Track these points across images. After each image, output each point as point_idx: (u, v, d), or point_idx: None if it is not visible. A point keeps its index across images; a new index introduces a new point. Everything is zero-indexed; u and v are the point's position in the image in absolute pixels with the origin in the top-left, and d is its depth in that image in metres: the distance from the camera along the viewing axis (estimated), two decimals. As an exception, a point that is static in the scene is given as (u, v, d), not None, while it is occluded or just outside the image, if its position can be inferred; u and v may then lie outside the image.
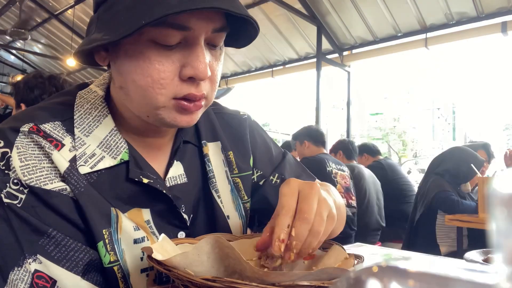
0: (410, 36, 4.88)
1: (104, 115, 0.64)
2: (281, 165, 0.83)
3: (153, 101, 0.57)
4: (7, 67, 10.11)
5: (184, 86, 0.57)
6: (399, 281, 0.14)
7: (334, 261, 0.54)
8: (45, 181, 0.57)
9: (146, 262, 0.62)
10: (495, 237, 0.14)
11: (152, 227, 0.65)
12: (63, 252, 0.56)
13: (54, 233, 0.56)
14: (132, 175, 0.62)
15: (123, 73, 0.57)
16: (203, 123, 0.75)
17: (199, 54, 0.56)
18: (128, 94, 0.59)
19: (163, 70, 0.55)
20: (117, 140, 0.63)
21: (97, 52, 0.60)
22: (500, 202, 0.14)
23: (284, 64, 6.17)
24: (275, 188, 0.78)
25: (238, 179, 0.77)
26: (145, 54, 0.54)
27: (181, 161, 0.71)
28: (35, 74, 1.87)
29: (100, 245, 0.59)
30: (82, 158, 0.60)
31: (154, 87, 0.55)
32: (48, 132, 0.60)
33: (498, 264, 0.14)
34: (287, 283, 0.42)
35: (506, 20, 4.22)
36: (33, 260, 0.54)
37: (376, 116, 17.84)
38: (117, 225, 0.61)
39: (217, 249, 0.48)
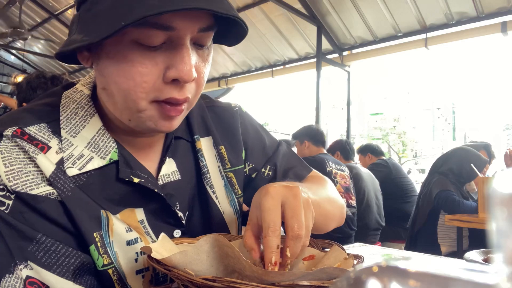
0: (410, 36, 4.87)
1: (91, 114, 0.62)
2: (274, 156, 0.82)
3: (134, 105, 0.55)
4: (7, 67, 10.10)
5: (167, 89, 0.55)
6: (399, 281, 0.14)
7: (334, 261, 0.54)
8: (31, 186, 0.55)
9: (141, 263, 0.61)
10: (495, 237, 0.14)
11: (146, 226, 0.64)
12: (53, 258, 0.55)
13: (44, 239, 0.55)
14: (122, 175, 0.61)
15: (105, 74, 0.56)
16: (195, 117, 0.74)
17: (184, 55, 0.53)
18: (111, 96, 0.57)
19: (146, 73, 0.53)
20: (106, 139, 0.62)
21: (80, 53, 0.58)
22: (500, 202, 0.14)
23: (284, 64, 6.17)
24: (267, 181, 0.78)
25: (231, 174, 0.76)
26: (127, 56, 0.52)
27: (173, 158, 0.69)
28: (38, 75, 1.88)
29: (92, 248, 0.58)
30: (70, 160, 0.59)
31: (136, 91, 0.53)
32: (33, 135, 0.58)
33: (498, 264, 0.14)
34: (286, 283, 0.42)
35: (506, 20, 4.22)
36: (24, 266, 0.53)
37: (376, 116, 17.83)
38: (108, 228, 0.59)
39: (216, 248, 0.48)
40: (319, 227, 0.74)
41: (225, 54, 6.33)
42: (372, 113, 18.03)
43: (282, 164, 0.81)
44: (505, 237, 0.14)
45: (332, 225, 0.77)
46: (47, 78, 1.84)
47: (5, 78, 10.14)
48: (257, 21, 5.43)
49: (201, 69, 0.58)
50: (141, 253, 0.62)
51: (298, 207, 0.51)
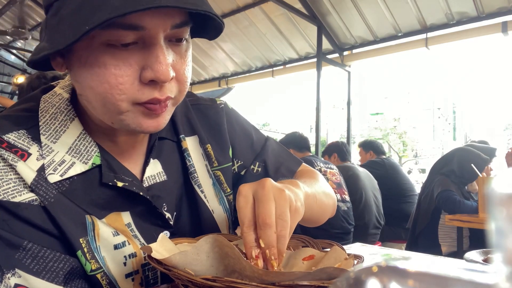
0: (410, 36, 4.87)
1: (70, 118, 0.61)
2: (262, 152, 0.80)
3: (114, 108, 0.53)
4: (7, 67, 10.11)
5: (146, 90, 0.52)
6: (399, 281, 0.14)
7: (334, 261, 0.54)
8: (13, 194, 0.54)
9: (130, 267, 0.61)
10: (495, 237, 0.14)
11: (134, 229, 0.62)
12: (41, 264, 0.54)
13: (30, 245, 0.54)
14: (106, 179, 0.59)
15: (79, 80, 0.54)
16: (179, 117, 0.73)
17: (159, 54, 0.51)
18: (89, 101, 0.55)
19: (121, 74, 0.51)
20: (87, 144, 0.60)
21: (53, 59, 0.56)
22: (500, 202, 0.14)
23: (284, 64, 6.17)
24: (257, 177, 0.76)
25: (219, 172, 0.75)
26: (99, 59, 0.50)
27: (158, 159, 0.68)
28: (39, 75, 1.88)
29: (79, 254, 0.57)
30: (51, 166, 0.57)
31: (113, 93, 0.51)
32: (12, 143, 0.57)
33: (498, 264, 0.14)
34: (286, 283, 0.42)
35: (506, 20, 4.21)
36: (12, 274, 0.52)
37: (377, 116, 17.84)
38: (94, 233, 0.58)
39: (216, 248, 0.48)
40: (318, 218, 0.74)
41: (225, 54, 6.33)
42: (372, 113, 18.03)
43: (272, 160, 0.80)
44: (505, 237, 0.14)
45: (326, 216, 0.77)
46: (48, 78, 1.84)
47: (6, 78, 10.15)
48: (257, 21, 5.43)
49: (179, 66, 0.55)
50: (130, 256, 0.61)
51: (265, 196, 0.49)
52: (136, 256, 0.62)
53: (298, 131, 3.39)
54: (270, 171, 0.78)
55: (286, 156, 0.83)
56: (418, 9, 4.53)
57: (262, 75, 6.48)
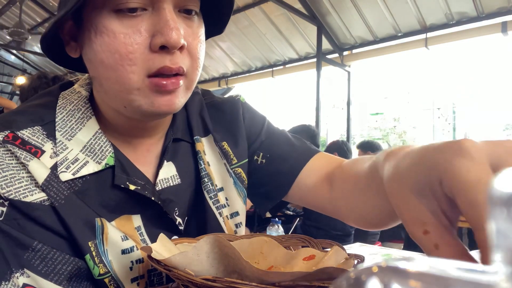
0: (410, 36, 4.88)
1: (87, 117, 0.60)
2: (266, 142, 0.75)
3: (125, 82, 0.51)
4: (7, 67, 10.10)
5: (157, 58, 0.51)
6: (399, 281, 0.14)
7: (334, 261, 0.54)
8: (24, 193, 0.53)
9: (136, 271, 0.61)
10: (495, 237, 0.14)
11: (143, 233, 0.62)
12: (50, 266, 0.53)
13: (40, 246, 0.53)
14: (118, 181, 0.58)
15: (91, 57, 0.53)
16: (194, 117, 0.71)
17: (168, 18, 0.50)
18: (102, 84, 0.54)
19: (130, 43, 0.50)
20: (102, 143, 0.59)
21: (68, 44, 0.56)
22: (500, 202, 0.14)
23: (284, 64, 6.17)
24: (262, 169, 0.73)
25: (240, 169, 0.72)
26: (108, 28, 0.50)
27: (173, 161, 0.66)
28: (40, 75, 1.89)
29: (87, 258, 0.56)
30: (64, 164, 0.56)
31: (123, 64, 0.50)
32: (26, 139, 0.56)
33: (498, 264, 0.14)
34: (287, 283, 0.42)
35: (506, 20, 4.22)
36: (20, 274, 0.51)
37: (376, 116, 17.84)
38: (103, 237, 0.57)
39: (216, 249, 0.48)
40: None
41: (225, 54, 6.34)
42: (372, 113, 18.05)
43: (278, 153, 0.74)
44: (505, 237, 0.14)
45: None
46: (48, 78, 1.85)
47: (5, 78, 10.15)
48: (257, 21, 5.43)
49: (191, 40, 0.54)
50: (136, 261, 0.60)
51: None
52: (143, 262, 0.61)
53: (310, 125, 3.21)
54: (276, 163, 0.73)
55: (296, 147, 0.75)
56: (418, 9, 4.54)
57: (262, 75, 6.48)
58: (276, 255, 0.60)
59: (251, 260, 0.58)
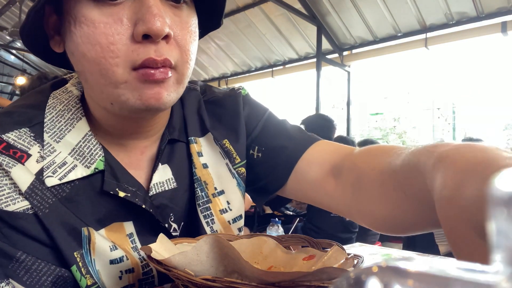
0: (410, 36, 4.88)
1: (78, 117, 0.57)
2: (260, 135, 0.69)
3: (110, 76, 0.47)
4: (7, 67, 10.10)
5: (141, 49, 0.47)
6: (399, 281, 0.14)
7: (334, 261, 0.54)
8: (7, 202, 0.50)
9: (125, 280, 0.59)
10: (495, 237, 0.14)
11: (135, 240, 0.58)
12: (35, 277, 0.51)
13: (24, 257, 0.50)
14: (107, 187, 0.55)
15: (73, 51, 0.49)
16: (190, 114, 0.66)
17: (151, 4, 0.46)
18: (87, 79, 0.51)
19: (111, 33, 0.46)
20: (92, 146, 0.56)
21: (52, 38, 0.53)
22: (500, 202, 0.14)
23: (284, 64, 6.17)
24: (259, 163, 0.68)
25: (243, 169, 0.68)
26: (87, 18, 0.46)
27: (168, 164, 0.62)
28: (40, 76, 1.90)
29: (73, 269, 0.53)
30: (50, 168, 0.53)
31: (106, 57, 0.46)
32: (12, 143, 0.52)
33: (498, 264, 0.14)
34: (286, 283, 0.42)
35: (506, 20, 4.22)
36: (6, 284, 0.49)
37: (376, 116, 17.84)
38: (89, 246, 0.54)
39: (216, 249, 0.48)
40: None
41: (225, 54, 6.34)
42: (372, 113, 18.05)
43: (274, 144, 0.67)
44: (505, 237, 0.14)
45: None
46: (49, 79, 1.86)
47: (5, 78, 10.15)
48: (257, 21, 5.43)
49: (179, 30, 0.50)
50: (126, 271, 0.58)
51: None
52: (133, 272, 0.58)
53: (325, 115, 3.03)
54: (271, 156, 0.67)
55: (292, 138, 0.68)
56: (418, 9, 4.54)
57: (261, 75, 6.48)
58: (276, 255, 0.60)
59: (251, 260, 0.58)
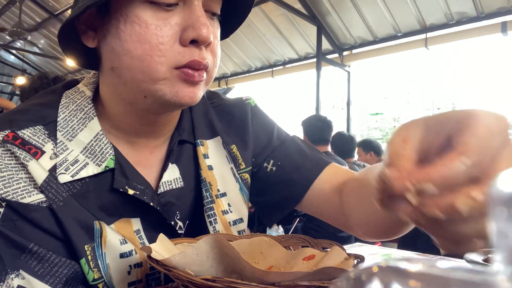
0: (410, 36, 4.88)
1: (90, 117, 0.59)
2: (278, 150, 0.73)
3: (152, 72, 0.51)
4: (7, 67, 10.10)
5: (186, 52, 0.52)
6: (399, 281, 0.14)
7: (334, 261, 0.54)
8: (22, 194, 0.53)
9: (133, 275, 0.60)
10: (495, 237, 0.14)
11: (142, 237, 0.61)
12: (46, 268, 0.53)
13: (36, 248, 0.52)
14: (117, 185, 0.57)
15: (115, 47, 0.52)
16: (198, 117, 0.69)
17: (200, 15, 0.52)
18: (121, 75, 0.53)
19: (161, 35, 0.50)
20: (103, 145, 0.58)
21: (84, 33, 0.55)
22: (500, 202, 0.14)
23: (284, 64, 6.17)
24: (271, 177, 0.72)
25: (246, 175, 0.71)
26: (141, 18, 0.50)
27: (177, 164, 0.65)
28: (40, 76, 1.90)
29: (82, 262, 0.55)
30: (63, 166, 0.55)
31: (152, 55, 0.50)
32: (27, 139, 0.55)
33: (498, 264, 0.14)
34: (287, 283, 0.42)
35: (506, 20, 4.22)
36: (15, 275, 0.51)
37: (376, 116, 17.84)
38: (101, 240, 0.56)
39: (216, 249, 0.48)
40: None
41: (225, 54, 6.33)
42: (372, 113, 18.06)
43: (290, 163, 0.72)
44: (505, 237, 0.14)
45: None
46: (49, 79, 1.86)
47: (5, 78, 10.15)
48: (257, 21, 5.43)
49: (214, 39, 0.55)
50: (135, 265, 0.59)
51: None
52: (141, 266, 0.60)
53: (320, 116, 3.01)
54: (287, 173, 0.71)
55: (308, 157, 0.73)
56: (418, 9, 4.54)
57: (261, 75, 6.48)
58: (276, 255, 0.60)
59: (251, 260, 0.58)
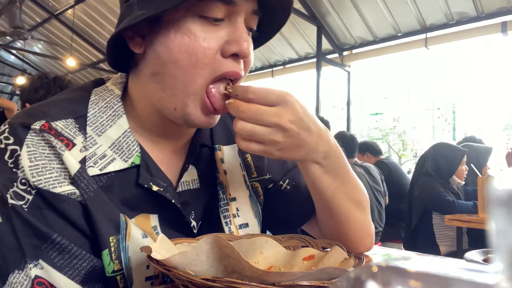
0: (410, 36, 4.88)
1: (119, 115, 0.62)
2: (294, 171, 0.77)
3: (190, 84, 0.56)
4: (7, 67, 10.11)
5: (225, 63, 0.57)
6: (399, 281, 0.14)
7: (334, 261, 0.54)
8: (54, 184, 0.54)
9: (151, 270, 0.60)
10: (495, 237, 0.14)
11: (159, 233, 0.62)
12: (66, 259, 0.53)
13: (59, 239, 0.53)
14: (142, 181, 0.60)
15: (162, 55, 0.56)
16: (218, 126, 0.71)
17: (242, 31, 0.57)
18: (163, 81, 0.58)
19: (208, 47, 0.55)
20: (130, 142, 0.61)
21: (132, 40, 0.59)
22: (500, 202, 0.14)
23: (284, 64, 6.17)
24: (285, 194, 0.75)
25: (257, 184, 0.74)
26: (191, 31, 0.54)
27: (195, 166, 0.68)
28: (41, 75, 1.90)
29: (105, 253, 0.56)
30: (92, 159, 0.58)
31: (196, 67, 0.55)
32: (60, 131, 0.57)
33: (498, 264, 0.14)
34: (286, 283, 0.42)
35: (506, 20, 4.22)
36: (34, 265, 0.51)
37: (376, 116, 17.84)
38: (126, 232, 0.58)
39: (216, 249, 0.48)
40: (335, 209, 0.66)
41: (225, 54, 6.34)
42: (372, 113, 18.05)
43: (304, 183, 0.74)
44: (505, 237, 0.14)
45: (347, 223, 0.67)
46: (49, 79, 1.86)
47: (5, 78, 10.16)
48: (257, 21, 5.43)
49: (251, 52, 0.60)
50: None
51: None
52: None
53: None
54: (300, 192, 0.75)
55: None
56: (418, 9, 4.54)
57: (261, 75, 6.48)
58: (276, 255, 0.60)
59: (251, 260, 0.58)
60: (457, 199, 2.67)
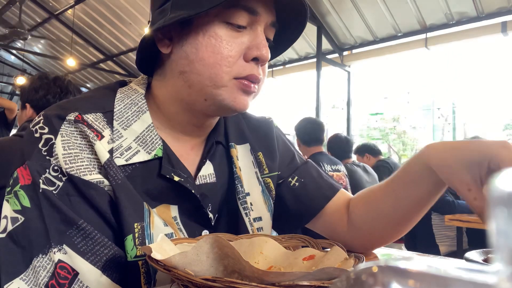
0: (410, 36, 4.88)
1: (143, 111, 0.66)
2: (302, 169, 0.82)
3: (217, 79, 0.61)
4: (7, 67, 10.11)
5: (247, 67, 0.62)
6: (399, 281, 0.14)
7: (334, 261, 0.54)
8: (84, 172, 0.58)
9: None
10: (495, 237, 0.14)
11: (179, 223, 0.66)
12: (89, 245, 0.56)
13: (84, 225, 0.56)
14: (164, 171, 0.64)
15: (190, 54, 0.61)
16: (231, 125, 0.78)
17: (262, 39, 0.63)
18: (189, 79, 0.62)
19: (231, 49, 0.61)
20: (153, 136, 0.65)
21: (161, 41, 0.64)
22: (500, 202, 0.14)
23: (284, 64, 6.17)
24: (292, 191, 0.79)
25: (269, 179, 0.79)
26: (217, 34, 0.60)
27: (211, 161, 0.73)
28: (41, 76, 1.89)
29: (129, 238, 0.59)
30: (119, 150, 0.62)
31: (221, 65, 0.60)
32: (90, 123, 0.61)
33: (498, 264, 0.14)
34: (286, 283, 0.42)
35: (506, 20, 4.22)
36: (58, 250, 0.54)
37: (376, 116, 17.83)
38: (150, 220, 0.61)
39: (216, 249, 0.48)
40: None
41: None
42: (372, 113, 18.04)
43: (312, 181, 0.81)
44: (505, 237, 0.14)
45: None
46: (49, 79, 1.85)
47: (5, 78, 10.16)
48: (257, 21, 5.43)
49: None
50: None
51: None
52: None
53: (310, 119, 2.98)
54: (308, 190, 0.80)
55: (324, 180, 0.83)
56: (418, 9, 4.54)
57: (261, 75, 6.47)
58: (276, 255, 0.60)
59: (251, 260, 0.58)
60: (456, 199, 2.67)
